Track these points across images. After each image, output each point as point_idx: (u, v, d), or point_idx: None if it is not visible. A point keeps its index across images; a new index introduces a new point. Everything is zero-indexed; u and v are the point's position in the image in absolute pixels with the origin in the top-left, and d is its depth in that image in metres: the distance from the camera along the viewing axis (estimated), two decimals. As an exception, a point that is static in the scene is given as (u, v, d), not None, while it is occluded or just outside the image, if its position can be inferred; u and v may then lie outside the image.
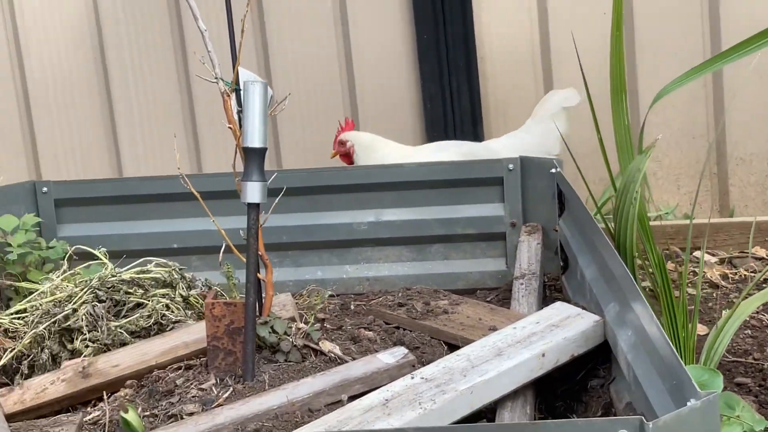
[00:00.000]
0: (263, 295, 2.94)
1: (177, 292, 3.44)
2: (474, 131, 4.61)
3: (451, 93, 4.61)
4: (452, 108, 4.63)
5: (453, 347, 3.05)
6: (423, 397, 2.51)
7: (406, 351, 2.91)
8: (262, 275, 2.87)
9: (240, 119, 2.80)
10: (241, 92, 2.76)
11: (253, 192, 2.74)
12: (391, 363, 2.83)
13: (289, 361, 2.91)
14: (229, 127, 2.85)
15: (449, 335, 3.15)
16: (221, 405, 2.72)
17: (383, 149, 4.28)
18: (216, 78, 2.83)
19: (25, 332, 3.28)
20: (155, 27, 4.58)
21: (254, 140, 2.72)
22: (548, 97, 4.32)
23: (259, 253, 2.82)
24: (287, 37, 4.58)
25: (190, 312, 3.40)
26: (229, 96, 2.83)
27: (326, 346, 2.97)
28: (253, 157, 2.73)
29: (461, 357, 2.73)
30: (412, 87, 4.64)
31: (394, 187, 3.82)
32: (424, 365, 2.78)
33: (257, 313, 2.86)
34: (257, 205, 2.77)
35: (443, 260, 3.84)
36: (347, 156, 4.31)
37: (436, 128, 4.66)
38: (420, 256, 3.85)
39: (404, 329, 3.25)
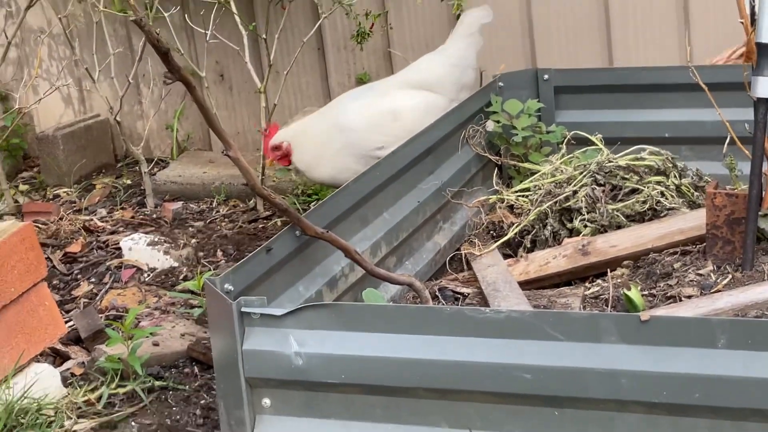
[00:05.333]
0: (764, 189, 2.97)
1: (670, 179, 3.55)
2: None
3: None
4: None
5: None
6: None
7: None
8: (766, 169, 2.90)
9: (753, 14, 2.81)
10: (757, -14, 2.76)
11: (764, 87, 2.76)
12: None
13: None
14: (741, 22, 2.87)
15: None
16: (720, 291, 2.83)
17: (308, 125, 4.09)
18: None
19: (528, 209, 3.56)
20: None
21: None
22: (465, 16, 4.24)
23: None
24: None
25: (681, 200, 3.50)
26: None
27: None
28: (766, 52, 2.75)
29: None
30: None
31: None
32: None
33: (759, 206, 2.90)
34: (767, 100, 2.79)
35: None
36: (286, 157, 4.04)
37: None
38: None
39: None
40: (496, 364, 2.13)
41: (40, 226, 4.52)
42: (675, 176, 3.56)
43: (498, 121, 3.93)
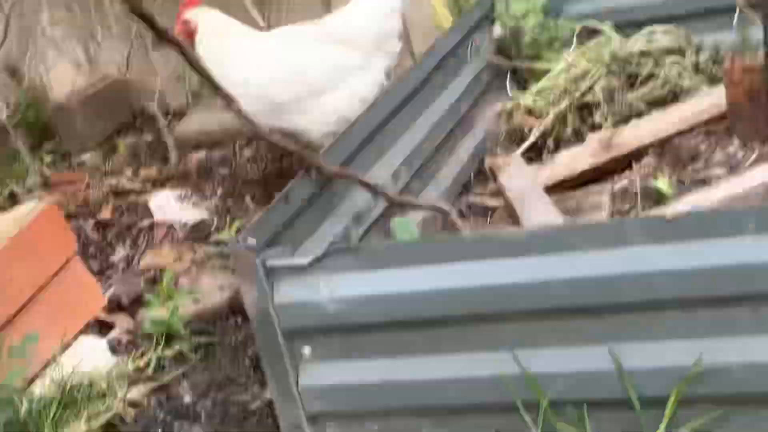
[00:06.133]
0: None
1: (687, 58, 3.46)
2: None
3: None
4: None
5: None
6: None
7: None
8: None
9: None
10: None
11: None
12: None
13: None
14: None
15: None
16: (749, 168, 2.78)
17: (232, 38, 3.77)
18: None
19: (547, 111, 3.50)
20: None
21: None
22: None
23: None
24: None
25: (700, 78, 3.42)
26: None
27: None
28: None
29: None
30: None
31: None
32: None
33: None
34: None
35: None
36: (190, 35, 3.73)
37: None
38: None
39: None
40: (528, 282, 2.11)
41: (69, 196, 4.54)
42: (692, 54, 3.47)
43: (504, 24, 3.85)
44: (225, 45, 3.74)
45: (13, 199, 4.71)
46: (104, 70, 5.47)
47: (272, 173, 4.34)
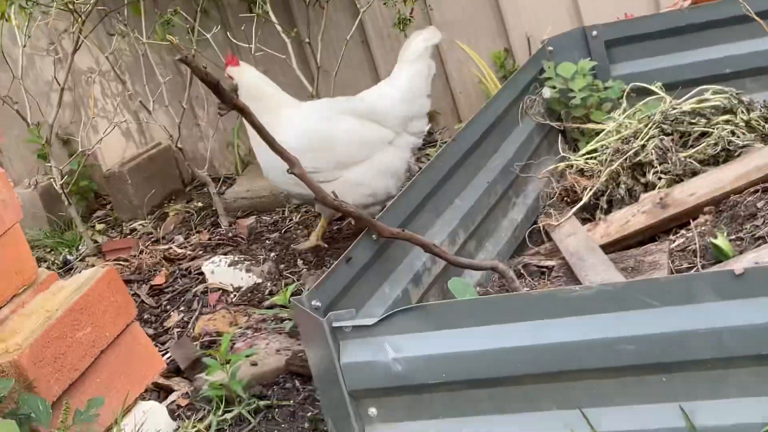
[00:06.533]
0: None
1: (738, 116, 3.48)
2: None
3: None
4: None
5: None
6: None
7: None
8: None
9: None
10: None
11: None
12: None
13: None
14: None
15: None
16: (809, 225, 2.77)
17: (268, 100, 3.88)
18: None
19: (599, 171, 3.52)
20: None
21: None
22: (411, 39, 3.99)
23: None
24: None
25: (753, 135, 3.43)
26: None
27: None
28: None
29: None
30: None
31: None
32: None
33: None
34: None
35: None
36: None
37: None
38: None
39: None
40: (596, 340, 2.11)
41: (122, 263, 4.60)
42: (743, 112, 3.49)
43: (554, 87, 3.89)
44: (259, 109, 3.81)
45: (67, 266, 4.77)
46: (156, 137, 5.57)
47: (323, 238, 4.37)
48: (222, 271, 4.11)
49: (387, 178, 3.86)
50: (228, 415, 3.09)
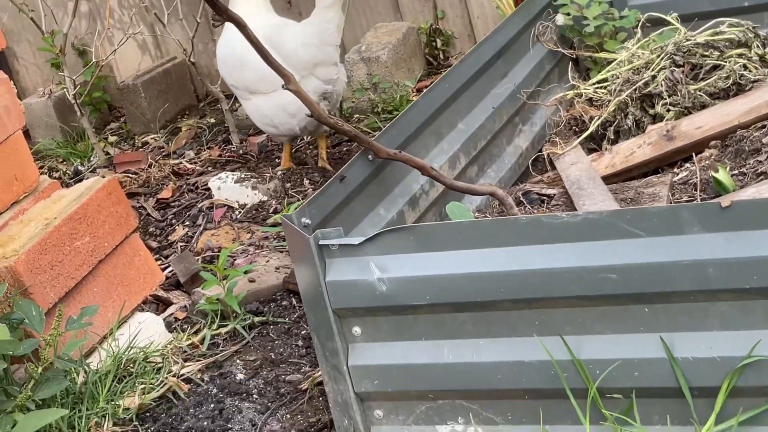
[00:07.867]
0: None
1: (752, 50, 3.41)
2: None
3: None
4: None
5: None
6: None
7: None
8: None
9: None
10: None
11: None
12: None
13: None
14: None
15: None
16: (812, 162, 2.73)
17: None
18: None
19: (608, 100, 3.48)
20: None
21: None
22: None
23: None
24: None
25: (766, 70, 3.37)
26: None
27: None
28: None
29: None
30: None
31: None
32: None
33: None
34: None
35: None
36: None
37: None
38: None
39: None
40: (580, 267, 2.09)
41: (131, 176, 4.61)
42: (758, 46, 3.42)
43: (568, 13, 3.82)
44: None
45: (78, 177, 4.79)
46: (171, 51, 5.54)
47: (331, 158, 4.36)
48: (228, 188, 4.11)
49: (287, 116, 3.97)
50: (222, 330, 3.12)
